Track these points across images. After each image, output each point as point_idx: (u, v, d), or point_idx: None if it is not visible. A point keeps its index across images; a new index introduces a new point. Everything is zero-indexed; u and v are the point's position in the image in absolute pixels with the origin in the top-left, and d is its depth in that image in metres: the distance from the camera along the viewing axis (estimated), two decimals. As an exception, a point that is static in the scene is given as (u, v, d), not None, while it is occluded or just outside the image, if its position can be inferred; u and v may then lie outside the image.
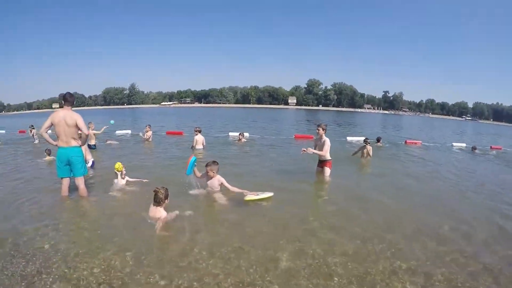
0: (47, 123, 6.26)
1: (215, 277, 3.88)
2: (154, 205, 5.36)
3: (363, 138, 13.96)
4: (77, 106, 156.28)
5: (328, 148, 8.53)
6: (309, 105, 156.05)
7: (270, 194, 6.76)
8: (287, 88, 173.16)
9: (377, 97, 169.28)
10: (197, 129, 14.19)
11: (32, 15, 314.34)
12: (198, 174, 7.05)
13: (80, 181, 6.69)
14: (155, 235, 5.04)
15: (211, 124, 32.75)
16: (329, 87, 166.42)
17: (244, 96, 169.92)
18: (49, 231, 5.20)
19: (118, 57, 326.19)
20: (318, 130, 8.54)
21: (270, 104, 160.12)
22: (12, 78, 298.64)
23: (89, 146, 13.72)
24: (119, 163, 7.66)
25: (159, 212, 5.31)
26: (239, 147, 15.52)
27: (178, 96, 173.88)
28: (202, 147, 13.85)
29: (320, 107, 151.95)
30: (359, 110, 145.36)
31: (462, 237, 5.32)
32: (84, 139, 6.63)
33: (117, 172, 7.63)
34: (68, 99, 6.39)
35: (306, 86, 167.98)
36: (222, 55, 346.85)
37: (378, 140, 16.63)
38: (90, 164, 9.81)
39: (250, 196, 6.49)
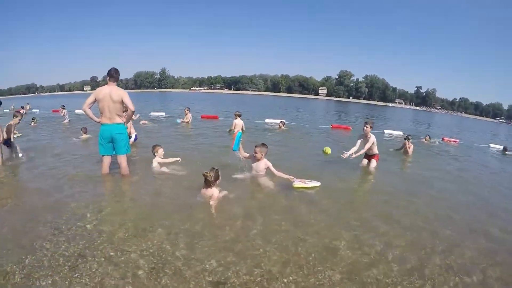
0: (91, 99, 6.03)
1: (274, 264, 3.64)
2: (205, 187, 5.32)
3: (401, 132, 13.30)
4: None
5: (374, 144, 8.48)
6: (339, 97, 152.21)
7: (317, 183, 6.43)
8: (318, 78, 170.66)
9: (409, 92, 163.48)
10: (237, 113, 13.94)
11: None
12: (244, 153, 6.83)
13: (122, 159, 6.42)
14: (205, 218, 4.81)
15: (244, 110, 32.20)
16: (360, 79, 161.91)
17: (274, 84, 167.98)
18: (90, 210, 4.93)
19: (149, 41, 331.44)
20: (366, 127, 8.35)
21: (300, 93, 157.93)
22: (46, 60, 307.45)
23: None
24: (158, 146, 7.57)
25: (211, 191, 5.26)
26: (279, 134, 15.01)
27: (208, 82, 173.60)
28: (241, 131, 13.36)
29: (351, 99, 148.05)
30: (390, 104, 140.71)
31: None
32: (129, 116, 6.44)
33: (157, 153, 7.45)
34: (113, 75, 6.14)
35: (337, 77, 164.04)
36: (253, 42, 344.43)
37: (426, 138, 15.73)
38: (133, 138, 9.73)
39: (299, 184, 6.22)
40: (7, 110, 28.78)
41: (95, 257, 3.62)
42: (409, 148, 11.21)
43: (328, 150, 7.93)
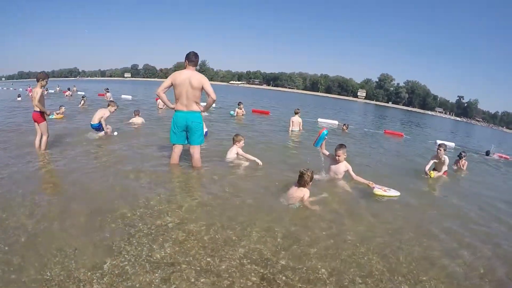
0: (167, 83, 5.60)
1: (381, 273, 3.32)
2: (297, 186, 4.90)
3: (453, 144, 12.16)
4: (147, 77, 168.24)
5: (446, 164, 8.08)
6: (378, 100, 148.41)
7: (397, 193, 5.88)
8: (358, 80, 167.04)
9: (450, 101, 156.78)
10: (297, 110, 13.30)
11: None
12: (325, 151, 6.45)
13: (196, 150, 6.00)
14: (294, 220, 4.41)
15: (289, 107, 31.43)
16: (401, 84, 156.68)
17: (313, 84, 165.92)
18: (166, 206, 4.40)
19: (191, 33, 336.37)
20: (439, 150, 8.05)
21: (339, 94, 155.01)
22: (89, 46, 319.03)
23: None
24: (241, 136, 7.15)
25: (302, 191, 4.83)
26: (341, 136, 13.96)
27: (247, 76, 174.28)
28: (298, 129, 12.96)
29: (390, 104, 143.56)
30: (429, 112, 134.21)
31: None
32: (209, 105, 5.96)
33: (239, 143, 7.01)
34: (193, 59, 5.68)
35: (377, 80, 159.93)
36: (293, 39, 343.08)
37: (487, 153, 14.20)
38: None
39: (379, 191, 5.72)
40: (52, 91, 30.00)
41: (190, 264, 3.06)
42: (463, 166, 9.74)
43: (432, 174, 7.81)
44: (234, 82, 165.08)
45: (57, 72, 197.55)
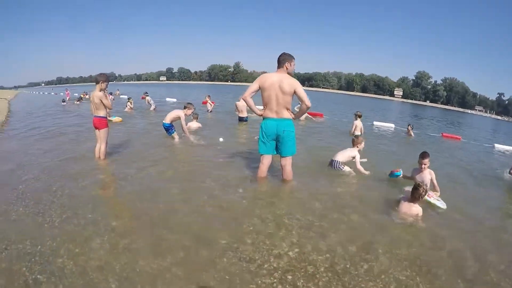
0: (254, 87, 5.11)
1: None
2: (408, 201, 4.56)
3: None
4: (182, 80, 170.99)
5: None
6: (415, 99, 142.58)
7: (443, 206, 5.13)
8: (394, 78, 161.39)
9: (490, 98, 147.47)
10: (358, 113, 12.33)
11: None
12: (407, 175, 5.99)
13: (287, 162, 5.41)
14: (415, 242, 3.89)
15: (332, 109, 30.42)
16: (438, 81, 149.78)
17: (348, 83, 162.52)
18: (276, 229, 3.85)
19: (224, 36, 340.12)
20: None
21: (375, 93, 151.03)
22: (125, 51, 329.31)
23: (241, 119, 12.74)
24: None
25: (417, 208, 4.51)
26: (408, 141, 13.06)
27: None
28: (360, 133, 11.98)
29: (428, 103, 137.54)
30: (469, 111, 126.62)
31: None
32: (303, 112, 5.43)
33: (360, 145, 6.70)
34: (282, 61, 5.10)
35: (414, 78, 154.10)
36: (326, 40, 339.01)
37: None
38: None
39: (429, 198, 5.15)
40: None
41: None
42: None
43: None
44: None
45: (95, 77, 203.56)
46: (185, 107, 8.87)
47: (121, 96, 28.10)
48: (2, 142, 8.63)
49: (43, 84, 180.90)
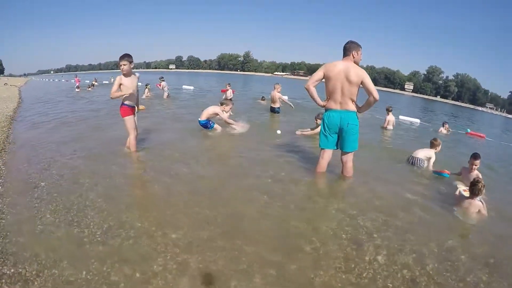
0: (318, 75, 4.70)
1: None
2: (469, 197, 4.39)
3: None
4: (192, 68, 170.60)
5: None
6: (426, 94, 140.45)
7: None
8: (405, 72, 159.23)
9: (501, 96, 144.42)
10: (389, 108, 11.92)
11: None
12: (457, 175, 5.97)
13: (349, 158, 5.02)
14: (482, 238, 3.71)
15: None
16: (450, 77, 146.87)
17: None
18: (356, 231, 3.44)
19: (234, 24, 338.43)
20: None
21: (385, 86, 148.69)
22: (137, 40, 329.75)
23: (273, 109, 12.26)
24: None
25: (479, 204, 4.28)
26: (455, 141, 12.14)
27: (291, 68, 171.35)
28: (392, 127, 11.78)
29: (438, 98, 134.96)
30: (479, 108, 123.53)
31: None
32: (370, 104, 4.73)
33: (438, 147, 6.58)
34: (349, 49, 4.69)
35: (425, 73, 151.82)
36: (337, 30, 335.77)
37: None
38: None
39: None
40: (107, 82, 30.87)
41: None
42: None
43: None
44: (278, 73, 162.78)
45: (103, 64, 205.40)
46: (222, 104, 8.06)
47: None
48: (17, 131, 7.85)
49: (52, 72, 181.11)
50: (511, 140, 16.27)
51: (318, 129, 5.98)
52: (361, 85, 4.61)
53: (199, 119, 7.83)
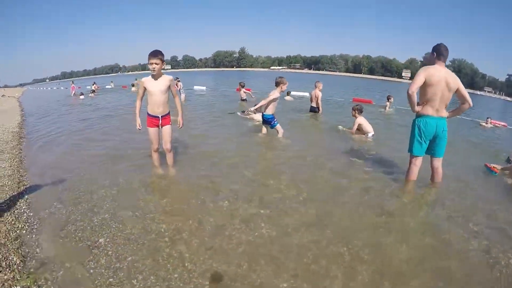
0: (420, 80, 4.49)
1: None
2: None
3: None
4: (187, 68, 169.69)
5: None
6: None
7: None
8: (402, 60, 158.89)
9: (499, 80, 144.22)
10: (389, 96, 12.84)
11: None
12: (498, 166, 6.03)
13: (440, 163, 4.94)
14: None
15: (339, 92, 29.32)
16: (447, 63, 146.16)
17: (355, 65, 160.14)
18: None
19: (228, 21, 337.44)
20: None
21: (383, 75, 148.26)
22: (131, 42, 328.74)
23: (313, 109, 12.05)
24: None
25: None
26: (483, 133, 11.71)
27: (287, 61, 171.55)
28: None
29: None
30: (478, 92, 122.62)
31: None
32: (463, 111, 4.83)
33: None
34: (444, 53, 4.62)
35: (422, 60, 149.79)
36: (332, 21, 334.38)
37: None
38: (370, 135, 8.38)
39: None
40: (109, 86, 30.41)
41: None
42: None
43: None
44: (275, 67, 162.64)
45: (99, 69, 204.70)
46: (277, 83, 7.25)
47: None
48: (31, 153, 6.93)
49: (48, 80, 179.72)
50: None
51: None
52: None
53: (265, 112, 7.26)
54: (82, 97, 20.53)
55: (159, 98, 4.86)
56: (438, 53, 4.61)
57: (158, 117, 4.95)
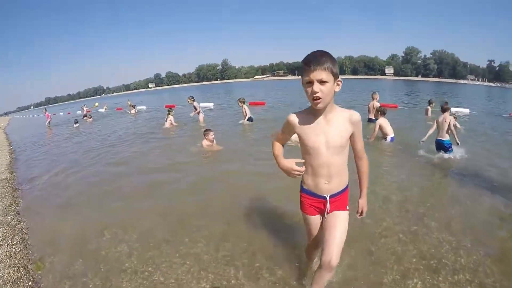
0: None
1: None
2: None
3: None
4: (171, 84, 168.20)
5: None
6: (407, 76, 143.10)
7: None
8: (383, 57, 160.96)
9: (480, 66, 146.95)
10: (431, 100, 13.11)
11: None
12: None
13: None
14: None
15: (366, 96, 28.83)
16: (428, 55, 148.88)
17: (338, 67, 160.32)
18: None
19: (208, 34, 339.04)
20: None
21: (366, 74, 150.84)
22: (113, 63, 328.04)
23: (371, 120, 11.53)
24: None
25: None
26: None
27: (270, 69, 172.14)
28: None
29: (419, 78, 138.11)
30: (461, 81, 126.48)
31: None
32: None
33: None
34: None
35: (403, 55, 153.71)
36: (312, 24, 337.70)
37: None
38: (389, 139, 8.43)
39: None
40: (102, 110, 29.50)
41: None
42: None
43: None
44: (259, 76, 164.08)
45: (83, 92, 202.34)
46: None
47: (138, 107, 26.46)
48: (31, 218, 4.98)
49: (32, 107, 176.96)
50: None
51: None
52: None
53: (440, 138, 6.90)
54: (76, 125, 18.40)
55: None
56: None
57: None
